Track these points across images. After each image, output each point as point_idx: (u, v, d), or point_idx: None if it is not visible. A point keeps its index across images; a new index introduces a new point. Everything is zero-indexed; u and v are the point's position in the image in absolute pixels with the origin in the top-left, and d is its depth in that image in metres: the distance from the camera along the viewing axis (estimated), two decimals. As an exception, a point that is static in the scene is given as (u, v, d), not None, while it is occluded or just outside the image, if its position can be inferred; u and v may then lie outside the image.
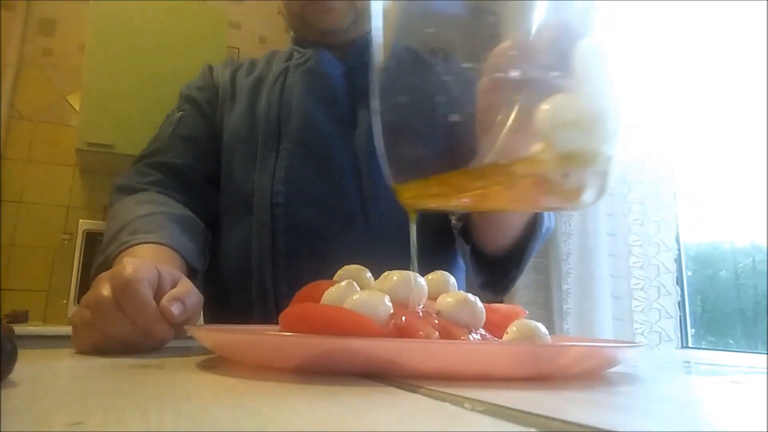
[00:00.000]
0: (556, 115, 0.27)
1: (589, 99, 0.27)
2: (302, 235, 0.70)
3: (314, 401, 0.23)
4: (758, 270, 1.52)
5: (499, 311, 0.42)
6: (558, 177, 0.28)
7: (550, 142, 0.27)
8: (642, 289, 1.53)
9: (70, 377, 0.31)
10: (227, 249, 0.74)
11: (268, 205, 0.70)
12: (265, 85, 0.79)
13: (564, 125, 0.27)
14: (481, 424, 0.19)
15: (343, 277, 0.41)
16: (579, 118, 0.27)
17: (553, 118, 0.27)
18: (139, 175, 0.74)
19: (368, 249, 0.67)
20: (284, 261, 0.69)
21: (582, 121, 0.27)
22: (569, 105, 0.27)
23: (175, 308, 0.43)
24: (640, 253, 1.55)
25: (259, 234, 0.70)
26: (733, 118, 1.53)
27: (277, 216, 0.70)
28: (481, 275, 0.72)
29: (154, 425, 0.18)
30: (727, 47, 1.55)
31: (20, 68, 2.15)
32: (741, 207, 1.52)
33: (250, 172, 0.73)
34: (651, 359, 0.56)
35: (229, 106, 0.79)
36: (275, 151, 0.73)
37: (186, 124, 0.78)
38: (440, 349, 0.30)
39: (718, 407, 0.27)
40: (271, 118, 0.74)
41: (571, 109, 0.27)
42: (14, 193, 2.08)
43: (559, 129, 0.27)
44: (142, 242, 0.59)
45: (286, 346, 0.31)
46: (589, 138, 0.27)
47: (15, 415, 0.19)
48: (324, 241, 0.69)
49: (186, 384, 0.27)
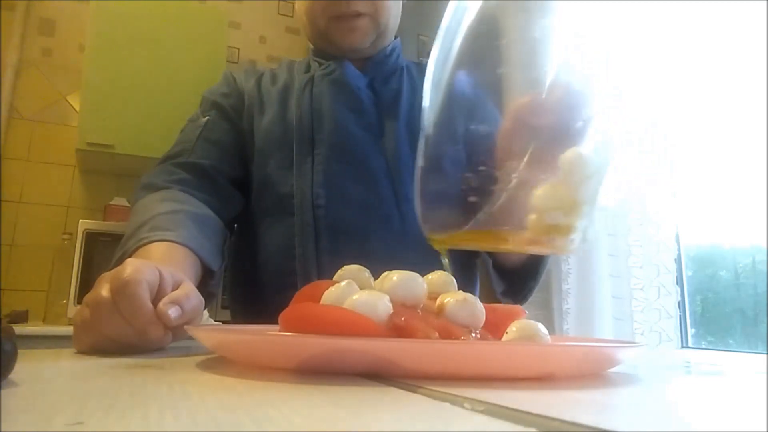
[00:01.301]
0: (545, 200, 0.39)
1: (569, 191, 0.39)
2: (344, 235, 0.73)
3: (314, 401, 0.23)
4: (758, 270, 1.52)
5: (499, 311, 0.42)
6: (544, 239, 0.40)
7: (541, 217, 0.39)
8: (642, 289, 1.53)
9: (70, 377, 0.31)
10: (268, 249, 0.76)
11: (309, 207, 0.73)
12: (293, 93, 0.82)
13: (550, 208, 0.39)
14: (481, 424, 0.19)
15: (343, 277, 0.41)
16: (561, 205, 0.39)
17: (542, 201, 0.39)
18: (164, 174, 0.76)
19: (405, 248, 0.71)
20: (328, 259, 0.72)
21: (563, 206, 0.39)
22: (555, 194, 0.39)
23: (172, 312, 0.43)
24: (640, 253, 1.55)
25: (302, 234, 0.73)
26: (733, 118, 1.53)
27: (319, 217, 0.73)
28: (502, 284, 0.78)
29: (154, 425, 0.18)
30: (728, 48, 1.55)
31: (20, 68, 2.15)
32: (741, 207, 1.52)
33: (287, 176, 0.76)
34: (651, 359, 0.56)
35: (258, 112, 0.82)
36: (311, 156, 0.76)
37: (212, 128, 0.80)
38: (440, 349, 0.30)
39: (718, 407, 0.27)
40: (304, 125, 0.78)
41: (557, 197, 0.39)
42: (14, 193, 2.08)
43: (547, 210, 0.39)
44: (159, 240, 0.60)
45: (286, 346, 0.31)
46: (567, 217, 0.39)
47: (15, 415, 0.19)
48: (365, 241, 0.73)
49: (186, 384, 0.27)
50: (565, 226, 0.39)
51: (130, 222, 0.67)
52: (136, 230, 0.62)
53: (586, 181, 0.39)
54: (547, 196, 0.39)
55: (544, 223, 0.39)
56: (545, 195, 0.39)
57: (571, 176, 0.38)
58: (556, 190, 0.39)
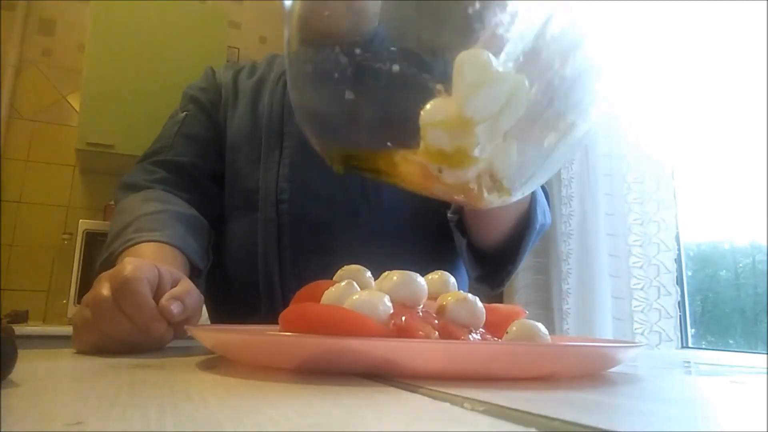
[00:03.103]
0: (428, 115, 0.30)
1: (458, 104, 0.29)
2: (308, 230, 0.71)
3: (314, 401, 0.23)
4: (758, 270, 1.52)
5: (499, 311, 0.42)
6: (434, 171, 0.30)
7: (424, 138, 0.30)
8: (642, 289, 1.53)
9: (70, 377, 0.31)
10: (233, 246, 0.75)
11: (273, 202, 0.71)
12: (267, 85, 0.80)
13: (432, 125, 0.30)
14: (481, 424, 0.19)
15: (343, 277, 0.41)
16: (445, 120, 0.29)
17: (425, 117, 0.30)
18: (144, 173, 0.75)
19: (373, 242, 0.69)
20: (290, 256, 0.70)
21: (448, 122, 0.29)
22: (439, 107, 0.30)
23: (174, 307, 0.43)
24: (640, 253, 1.55)
25: (265, 230, 0.71)
26: (733, 117, 1.53)
27: (282, 212, 0.71)
28: (477, 268, 0.72)
29: (154, 425, 0.18)
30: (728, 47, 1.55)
31: (20, 68, 2.15)
32: (741, 206, 1.52)
33: (254, 170, 0.74)
34: (651, 359, 0.56)
35: (231, 106, 0.80)
36: (278, 149, 0.74)
37: (190, 123, 0.79)
38: (440, 349, 0.30)
39: (718, 407, 0.27)
40: (274, 118, 0.76)
41: (440, 110, 0.30)
42: (14, 193, 2.08)
43: (429, 127, 0.30)
44: (146, 240, 0.59)
45: (286, 346, 0.31)
46: (455, 139, 0.30)
47: (15, 415, 0.19)
48: (330, 236, 0.70)
49: (186, 384, 0.27)
50: (454, 151, 0.30)
51: (113, 223, 0.66)
52: (121, 231, 0.62)
53: (478, 91, 0.29)
54: (433, 108, 0.30)
55: (426, 147, 0.30)
56: (431, 107, 0.30)
57: (460, 82, 0.29)
58: (442, 103, 0.30)
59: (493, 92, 0.29)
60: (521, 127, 0.31)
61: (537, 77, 0.31)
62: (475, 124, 0.29)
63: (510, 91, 0.29)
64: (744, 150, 1.50)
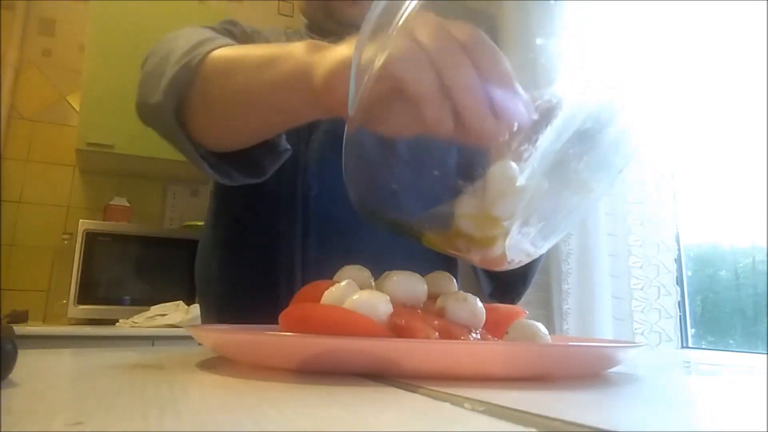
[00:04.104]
0: (460, 206, 0.37)
1: (488, 206, 0.36)
2: (332, 228, 0.70)
3: (314, 401, 0.23)
4: (758, 270, 1.52)
5: (499, 311, 0.42)
6: (464, 248, 0.38)
7: (458, 225, 0.38)
8: (642, 289, 1.53)
9: (70, 377, 0.31)
10: (254, 243, 0.72)
11: (299, 198, 0.70)
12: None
13: (464, 217, 0.37)
14: (481, 424, 0.19)
15: (343, 277, 0.41)
16: (476, 215, 0.37)
17: (459, 207, 0.37)
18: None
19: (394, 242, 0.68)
20: (314, 253, 0.69)
21: (477, 217, 0.37)
22: (471, 203, 0.37)
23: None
24: (640, 253, 1.55)
25: (290, 227, 0.69)
26: (733, 118, 1.53)
27: (308, 209, 0.70)
28: (490, 286, 0.74)
29: (154, 425, 0.18)
30: (728, 48, 1.55)
31: (20, 68, 2.15)
32: (741, 207, 1.52)
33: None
34: (651, 359, 0.56)
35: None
36: (305, 143, 0.72)
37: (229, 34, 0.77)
38: (440, 349, 0.30)
39: (718, 407, 0.27)
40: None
41: (472, 206, 0.37)
42: (14, 193, 2.08)
43: (462, 218, 0.37)
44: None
45: (286, 346, 0.31)
46: (484, 231, 0.37)
47: (15, 415, 0.19)
48: (353, 234, 0.69)
49: (186, 384, 0.27)
50: (481, 238, 0.37)
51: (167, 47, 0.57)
52: (197, 44, 0.53)
53: (504, 200, 0.36)
54: (464, 202, 0.37)
55: (460, 230, 0.38)
56: (463, 200, 0.37)
57: (491, 189, 0.36)
58: (473, 199, 0.37)
59: (517, 200, 0.36)
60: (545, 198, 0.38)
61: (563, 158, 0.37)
62: (501, 221, 0.36)
63: (532, 195, 0.36)
64: (744, 150, 1.50)
